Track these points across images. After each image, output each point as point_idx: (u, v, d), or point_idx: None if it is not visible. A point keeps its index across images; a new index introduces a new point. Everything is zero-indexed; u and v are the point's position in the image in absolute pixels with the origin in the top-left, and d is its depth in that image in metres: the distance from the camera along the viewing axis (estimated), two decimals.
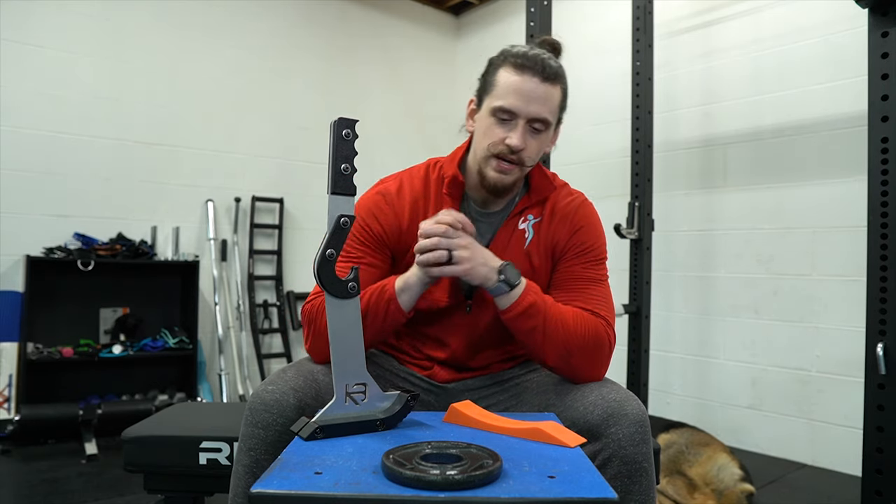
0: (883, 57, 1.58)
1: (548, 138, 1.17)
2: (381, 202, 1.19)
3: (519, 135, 1.10)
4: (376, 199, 1.20)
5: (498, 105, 1.11)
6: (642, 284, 2.74)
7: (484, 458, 0.73)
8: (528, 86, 1.09)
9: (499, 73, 1.12)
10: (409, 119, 4.56)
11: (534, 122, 1.11)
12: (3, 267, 3.07)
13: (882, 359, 1.55)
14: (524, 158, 1.13)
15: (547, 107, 1.11)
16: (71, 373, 3.17)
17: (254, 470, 0.95)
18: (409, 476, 0.67)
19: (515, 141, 1.10)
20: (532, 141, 1.13)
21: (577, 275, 1.15)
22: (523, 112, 1.10)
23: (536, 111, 1.10)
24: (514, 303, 1.06)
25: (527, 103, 1.10)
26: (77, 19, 3.26)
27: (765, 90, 2.98)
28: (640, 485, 0.94)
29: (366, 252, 1.17)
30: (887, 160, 1.58)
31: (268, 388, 0.99)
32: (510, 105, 1.10)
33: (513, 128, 1.11)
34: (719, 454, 2.23)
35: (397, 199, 1.20)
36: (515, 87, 1.10)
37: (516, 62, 1.10)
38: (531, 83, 1.09)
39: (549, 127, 1.14)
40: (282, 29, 3.99)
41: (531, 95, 1.09)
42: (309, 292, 1.09)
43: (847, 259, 2.66)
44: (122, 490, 2.28)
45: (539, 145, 1.15)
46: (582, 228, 1.19)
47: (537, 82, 1.09)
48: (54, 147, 3.20)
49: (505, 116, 1.11)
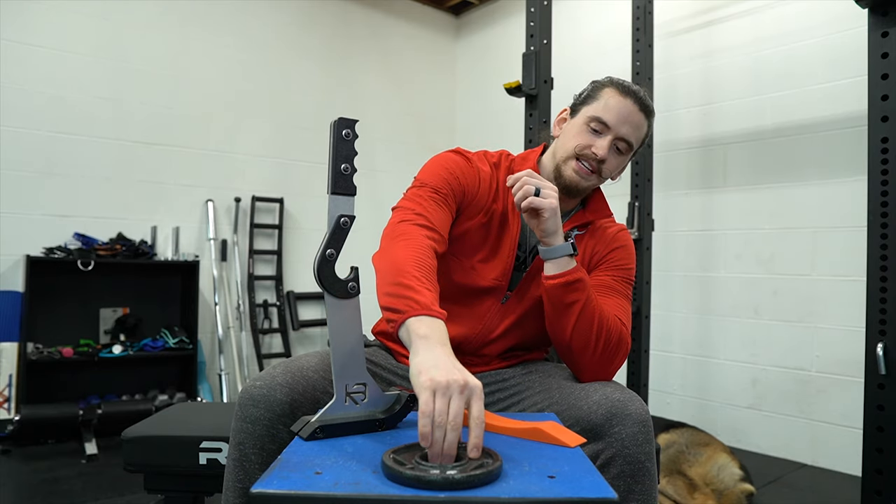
0: (883, 57, 1.58)
1: (625, 162, 1.26)
2: (465, 162, 1.24)
3: (605, 146, 1.20)
4: (459, 159, 1.24)
5: (596, 115, 1.20)
6: (642, 284, 2.74)
7: (484, 458, 0.73)
8: (627, 109, 1.20)
9: (603, 91, 1.22)
10: (408, 119, 4.56)
11: (619, 142, 1.21)
12: (3, 267, 3.07)
13: (882, 359, 1.55)
14: (602, 169, 1.22)
15: (636, 132, 1.22)
16: (71, 373, 3.17)
17: (243, 464, 0.96)
18: (409, 476, 0.67)
19: (601, 150, 1.19)
20: (613, 157, 1.22)
21: (607, 283, 1.21)
22: (615, 129, 1.20)
23: (626, 132, 1.20)
24: (567, 271, 1.09)
25: (621, 122, 1.20)
26: (77, 19, 3.26)
27: (765, 90, 2.98)
28: (643, 484, 0.95)
29: (449, 193, 1.17)
30: (887, 160, 1.58)
31: (256, 384, 1.00)
32: (606, 118, 1.20)
33: (601, 139, 1.20)
34: (719, 454, 2.23)
35: (477, 166, 1.25)
36: (616, 105, 1.20)
37: (622, 87, 1.21)
38: (631, 107, 1.20)
39: (630, 152, 1.24)
40: (282, 29, 3.99)
41: (627, 118, 1.20)
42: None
43: (847, 259, 2.66)
44: (122, 490, 2.28)
45: (618, 164, 1.24)
46: (620, 248, 1.27)
47: (636, 109, 1.20)
48: (54, 147, 3.20)
49: (597, 127, 1.21)
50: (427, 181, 1.18)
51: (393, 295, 0.94)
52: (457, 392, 0.78)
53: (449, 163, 1.22)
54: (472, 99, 4.70)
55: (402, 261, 0.99)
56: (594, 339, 1.08)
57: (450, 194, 1.17)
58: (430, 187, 1.16)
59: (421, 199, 1.14)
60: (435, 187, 1.16)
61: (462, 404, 0.78)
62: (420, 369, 0.81)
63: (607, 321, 1.10)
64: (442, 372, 0.80)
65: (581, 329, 1.08)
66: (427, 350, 0.85)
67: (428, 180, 1.18)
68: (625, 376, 2.78)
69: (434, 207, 1.13)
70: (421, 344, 0.86)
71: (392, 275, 0.97)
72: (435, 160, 1.23)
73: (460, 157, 1.25)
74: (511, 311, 1.22)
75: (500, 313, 1.22)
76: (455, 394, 0.78)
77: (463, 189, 1.20)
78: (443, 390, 0.78)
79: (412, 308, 0.91)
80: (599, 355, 1.09)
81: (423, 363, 0.82)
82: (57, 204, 3.21)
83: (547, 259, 1.10)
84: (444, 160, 1.22)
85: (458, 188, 1.19)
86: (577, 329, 1.08)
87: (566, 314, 1.09)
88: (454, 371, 0.80)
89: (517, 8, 3.83)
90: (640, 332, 2.74)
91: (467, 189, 1.21)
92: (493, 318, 1.21)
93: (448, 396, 0.78)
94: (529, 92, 2.32)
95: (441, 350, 0.85)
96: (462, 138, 4.67)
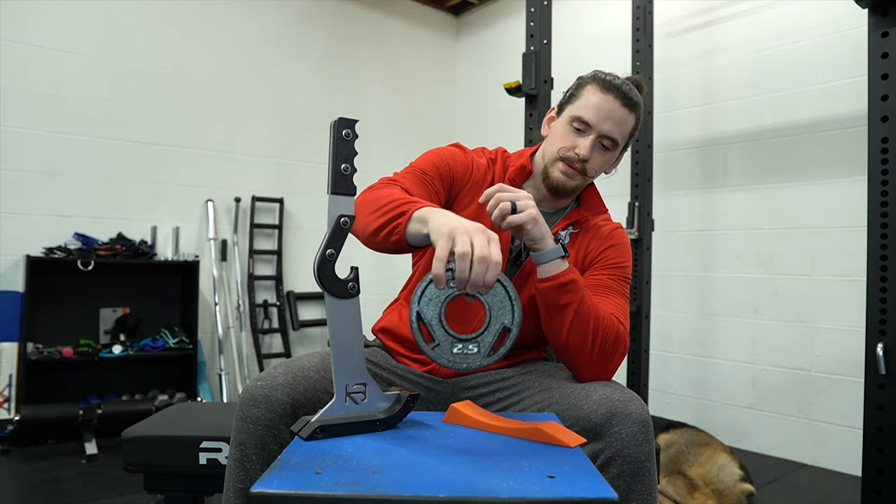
0: (883, 57, 1.58)
1: (612, 158, 1.25)
2: (461, 153, 1.27)
3: (588, 146, 1.20)
4: (455, 150, 1.28)
5: (577, 115, 1.21)
6: (642, 284, 2.74)
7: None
8: (608, 105, 1.19)
9: (585, 89, 1.22)
10: (408, 119, 4.56)
11: (604, 139, 1.20)
12: (3, 267, 3.07)
13: (882, 359, 1.55)
14: (587, 169, 1.22)
15: (619, 129, 1.21)
16: (71, 373, 3.17)
17: (244, 464, 0.96)
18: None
19: (583, 151, 1.20)
20: (598, 156, 1.22)
21: (602, 282, 1.21)
22: (597, 127, 1.19)
23: (609, 129, 1.19)
24: (559, 273, 1.08)
25: (602, 120, 1.19)
26: (77, 19, 3.26)
27: (765, 90, 2.98)
28: (643, 484, 0.95)
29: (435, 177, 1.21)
30: (887, 160, 1.58)
31: (257, 384, 1.00)
32: (587, 117, 1.20)
33: (584, 139, 1.20)
34: (719, 454, 2.23)
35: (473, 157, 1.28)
36: (596, 103, 1.19)
37: (603, 83, 1.21)
38: (611, 104, 1.19)
39: (617, 148, 1.23)
40: (282, 29, 3.99)
41: (609, 115, 1.19)
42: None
43: (847, 259, 2.66)
44: (122, 490, 2.28)
45: (604, 161, 1.24)
46: (615, 246, 1.26)
47: (617, 105, 1.19)
48: (54, 147, 3.20)
49: (580, 127, 1.21)
50: (416, 165, 1.23)
51: (387, 212, 0.99)
52: (477, 232, 0.83)
53: (442, 151, 1.27)
54: (472, 99, 4.70)
55: (386, 195, 1.03)
56: (591, 339, 1.08)
57: (436, 177, 1.21)
58: (418, 169, 1.21)
59: (404, 176, 1.18)
60: (422, 169, 1.21)
61: (485, 241, 0.81)
62: (438, 226, 0.86)
63: (603, 321, 1.09)
64: (459, 221, 0.85)
65: (577, 329, 1.08)
66: (441, 215, 0.90)
67: (417, 164, 1.23)
68: (625, 376, 2.78)
69: (416, 183, 1.17)
70: (433, 214, 0.91)
71: (378, 202, 1.02)
72: (431, 151, 1.28)
73: (456, 148, 1.29)
74: None
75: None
76: (475, 234, 0.82)
77: (452, 175, 1.23)
78: (462, 231, 0.82)
79: (413, 207, 0.97)
80: (597, 355, 1.09)
81: (441, 222, 0.87)
82: (57, 204, 3.21)
83: (539, 263, 1.10)
84: (438, 150, 1.27)
85: (446, 173, 1.22)
86: (573, 330, 1.08)
87: (561, 315, 1.09)
88: (472, 223, 0.85)
89: (517, 8, 3.83)
90: (639, 332, 2.74)
91: (457, 175, 1.24)
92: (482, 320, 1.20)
93: (468, 236, 0.82)
94: (529, 92, 2.32)
95: (455, 215, 0.90)
96: (462, 138, 4.64)
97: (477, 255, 0.81)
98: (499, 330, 0.81)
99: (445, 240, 0.84)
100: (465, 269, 0.81)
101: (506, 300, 0.81)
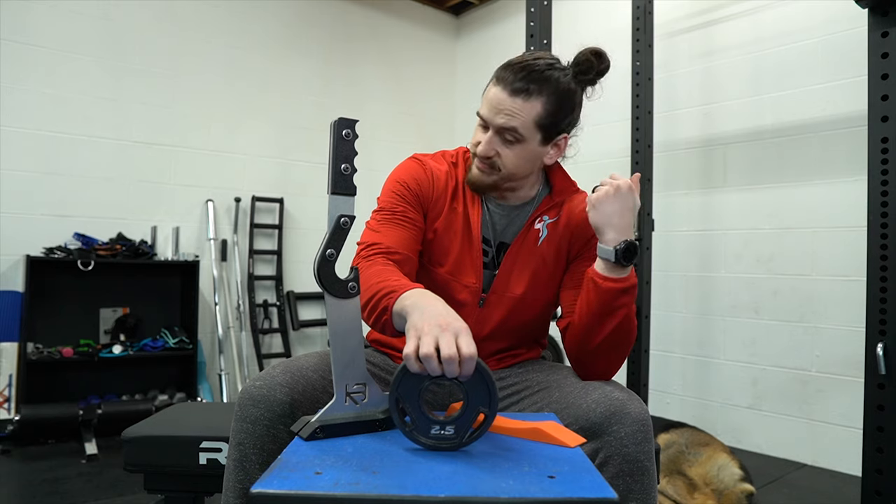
0: (883, 57, 1.58)
1: (530, 148, 1.17)
2: (418, 167, 1.25)
3: (486, 141, 1.16)
4: (413, 164, 1.26)
5: (478, 111, 1.18)
6: (642, 284, 2.74)
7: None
8: (497, 98, 1.14)
9: (490, 82, 1.18)
10: (408, 119, 4.56)
11: (503, 133, 1.15)
12: (3, 267, 3.07)
13: (882, 359, 1.55)
14: (497, 164, 1.17)
15: (516, 119, 1.13)
16: (71, 373, 3.17)
17: (243, 464, 0.96)
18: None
19: (481, 147, 1.17)
20: (506, 150, 1.16)
21: None
22: (491, 121, 1.15)
23: (502, 122, 1.13)
24: (626, 276, 1.08)
25: (494, 114, 1.14)
26: (77, 19, 3.26)
27: (765, 90, 2.98)
28: (642, 484, 0.95)
29: (407, 208, 1.20)
30: (887, 160, 1.58)
31: (256, 384, 1.00)
32: (483, 113, 1.17)
33: (485, 135, 1.17)
34: (719, 454, 2.23)
35: (432, 167, 1.26)
36: (487, 97, 1.16)
37: (498, 73, 1.16)
38: (500, 95, 1.13)
39: (525, 138, 1.15)
40: (281, 29, 3.99)
41: (498, 107, 1.14)
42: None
43: (847, 259, 2.66)
44: (122, 490, 2.28)
45: (516, 154, 1.17)
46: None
47: (504, 95, 1.13)
48: (54, 147, 3.20)
49: (482, 123, 1.18)
50: (383, 205, 1.21)
51: (374, 306, 0.99)
52: (441, 332, 0.80)
53: (402, 176, 1.23)
54: (472, 99, 4.69)
55: (370, 283, 1.02)
56: (624, 343, 1.10)
57: (408, 209, 1.19)
58: (386, 210, 1.19)
59: (378, 225, 1.17)
60: (390, 209, 1.19)
61: (452, 340, 0.79)
62: (411, 324, 0.85)
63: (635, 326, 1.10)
64: (429, 317, 0.83)
65: (618, 332, 1.08)
66: (415, 311, 0.88)
67: (383, 203, 1.21)
68: (625, 376, 2.78)
69: (391, 229, 1.16)
70: (410, 310, 0.90)
71: (365, 291, 1.01)
72: (391, 176, 1.25)
73: (415, 162, 1.26)
74: (491, 313, 1.22)
75: (481, 317, 1.21)
76: (441, 333, 0.80)
77: (418, 196, 1.21)
78: (427, 332, 0.80)
79: (391, 297, 0.96)
80: (616, 356, 1.11)
81: (412, 321, 0.86)
82: (57, 204, 3.21)
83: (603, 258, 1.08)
84: (397, 173, 1.25)
85: (413, 199, 1.21)
86: (615, 332, 1.08)
87: (610, 317, 1.08)
88: (440, 316, 0.83)
89: (517, 8, 3.83)
90: (639, 332, 2.74)
91: (423, 194, 1.22)
92: (477, 323, 1.20)
93: (433, 336, 0.80)
94: None
95: (428, 301, 0.90)
96: (462, 138, 4.66)
97: (444, 356, 0.78)
98: (475, 414, 0.81)
99: (413, 341, 0.81)
100: (434, 370, 0.79)
101: (482, 384, 0.81)
